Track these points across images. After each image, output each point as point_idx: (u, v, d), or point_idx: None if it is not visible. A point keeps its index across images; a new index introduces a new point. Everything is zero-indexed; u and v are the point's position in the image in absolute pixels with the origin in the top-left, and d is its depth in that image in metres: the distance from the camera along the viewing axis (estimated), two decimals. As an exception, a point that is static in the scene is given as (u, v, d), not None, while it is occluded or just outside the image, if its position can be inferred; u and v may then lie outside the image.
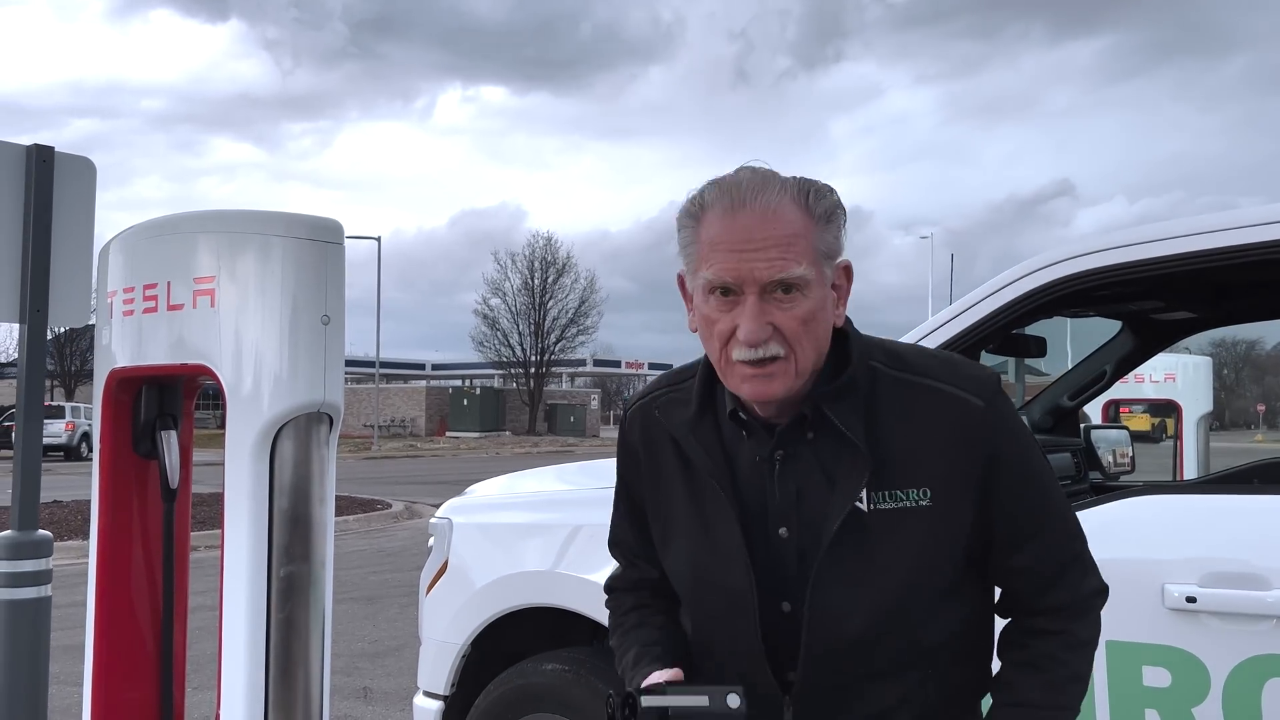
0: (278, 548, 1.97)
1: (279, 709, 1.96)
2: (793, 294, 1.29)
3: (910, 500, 1.33)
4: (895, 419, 1.34)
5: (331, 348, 2.01)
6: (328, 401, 2.00)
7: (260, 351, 1.97)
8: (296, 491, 1.99)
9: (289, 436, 1.98)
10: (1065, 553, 1.42)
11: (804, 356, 1.31)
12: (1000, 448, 1.36)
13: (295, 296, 1.98)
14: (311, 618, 1.99)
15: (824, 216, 1.32)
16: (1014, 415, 1.40)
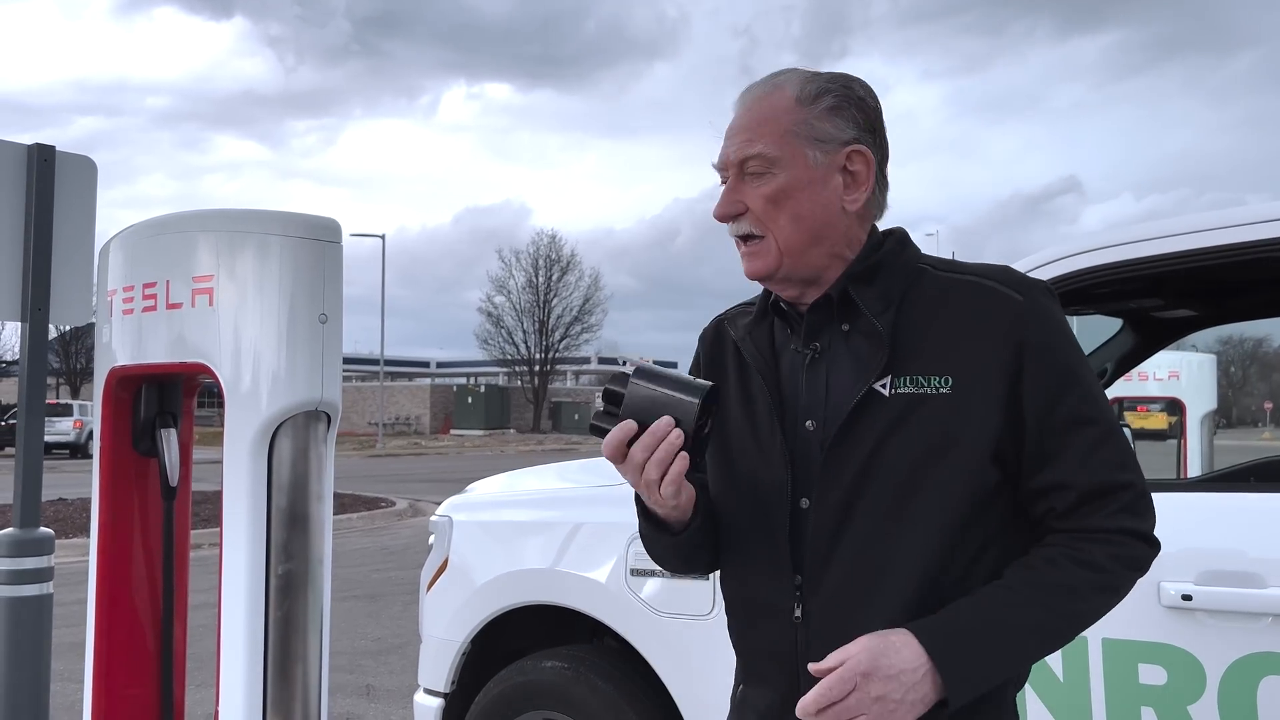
0: (276, 545, 1.98)
1: (277, 706, 1.97)
2: (762, 174, 1.34)
3: (930, 387, 1.31)
4: (931, 309, 1.34)
5: (329, 346, 2.02)
6: (325, 400, 2.01)
7: (258, 350, 1.98)
8: (295, 489, 2.00)
9: (287, 435, 1.99)
10: (1106, 478, 1.29)
11: (782, 235, 1.35)
12: (1031, 337, 1.30)
13: (293, 295, 1.99)
14: (310, 615, 2.00)
15: (809, 98, 1.35)
16: (1057, 315, 1.34)
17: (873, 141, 1.39)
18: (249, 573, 1.97)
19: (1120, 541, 1.28)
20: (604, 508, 2.92)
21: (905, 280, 1.37)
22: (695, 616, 2.58)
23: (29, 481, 3.29)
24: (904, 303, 1.35)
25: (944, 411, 1.31)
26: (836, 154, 1.36)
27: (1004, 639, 1.26)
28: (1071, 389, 1.31)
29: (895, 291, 1.36)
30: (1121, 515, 1.29)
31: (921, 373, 1.31)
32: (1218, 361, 9.51)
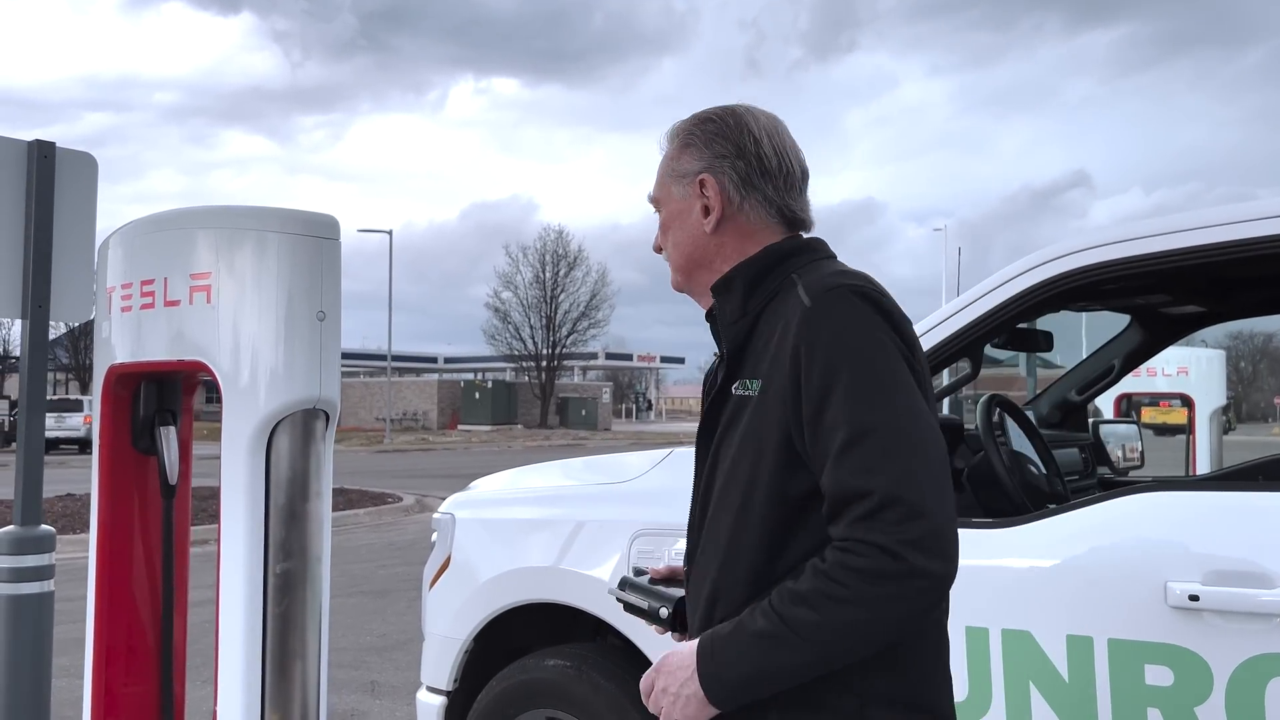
0: (274, 543, 1.97)
1: (275, 703, 1.96)
2: (657, 209, 1.62)
3: (752, 389, 1.44)
4: (773, 318, 1.45)
5: (327, 344, 2.00)
6: (324, 397, 2.00)
7: (257, 347, 1.97)
8: (293, 486, 1.99)
9: (285, 432, 1.98)
10: (846, 485, 1.28)
11: (672, 258, 1.61)
12: (804, 340, 1.35)
13: (291, 292, 1.97)
14: (308, 613, 1.99)
15: (679, 140, 1.59)
16: (841, 318, 1.35)
17: (728, 165, 1.52)
18: (247, 570, 1.96)
19: (856, 550, 1.26)
20: (607, 505, 2.90)
21: (769, 291, 1.48)
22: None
23: (30, 479, 3.29)
24: (764, 311, 1.47)
25: (756, 412, 1.42)
26: (691, 185, 1.55)
27: (747, 645, 1.32)
28: (830, 392, 1.32)
29: (756, 301, 1.48)
30: (856, 525, 1.27)
31: (749, 376, 1.45)
32: (1227, 357, 9.45)
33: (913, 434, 1.30)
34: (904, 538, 1.24)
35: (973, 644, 2.22)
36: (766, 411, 1.40)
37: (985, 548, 2.28)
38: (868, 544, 1.25)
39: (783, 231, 1.54)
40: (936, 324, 2.54)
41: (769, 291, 1.47)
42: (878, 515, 1.25)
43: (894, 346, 1.35)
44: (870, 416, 1.30)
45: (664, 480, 2.79)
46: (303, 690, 2.01)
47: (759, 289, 1.49)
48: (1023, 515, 2.36)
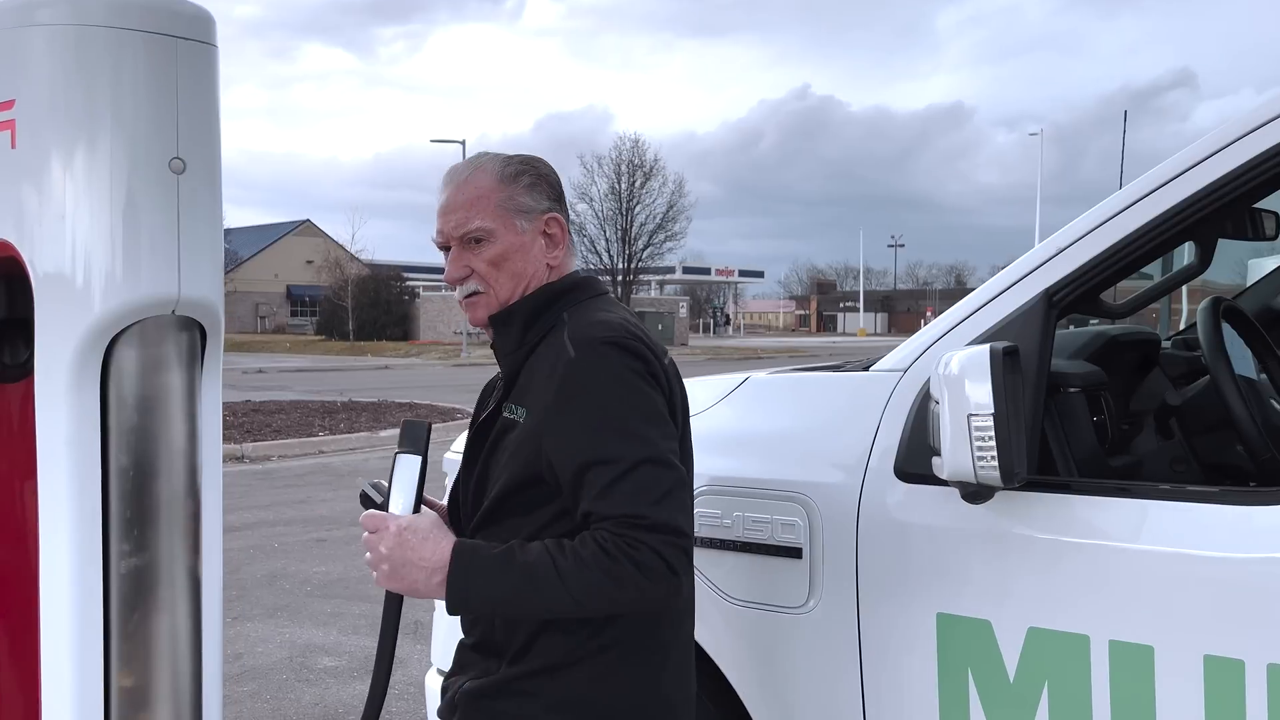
0: (118, 528, 1.25)
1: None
2: (482, 243, 1.61)
3: (517, 414, 1.57)
4: (544, 353, 1.57)
5: (195, 212, 1.26)
6: (188, 298, 1.25)
7: (75, 218, 1.23)
8: (145, 440, 1.27)
9: (129, 354, 1.25)
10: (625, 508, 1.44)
11: (501, 289, 1.62)
12: (567, 395, 1.50)
13: (132, 128, 1.23)
14: (176, 639, 1.28)
15: (510, 177, 1.63)
16: (598, 373, 1.50)
17: (560, 208, 1.67)
18: (75, 572, 1.25)
19: (635, 545, 1.43)
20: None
21: (544, 325, 1.61)
22: (784, 609, 1.83)
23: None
24: (539, 343, 1.60)
25: (519, 436, 1.55)
26: (538, 220, 1.63)
27: (511, 573, 1.46)
28: (582, 428, 1.49)
29: (534, 334, 1.61)
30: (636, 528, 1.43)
31: (516, 402, 1.59)
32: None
33: (673, 471, 1.48)
34: (677, 547, 1.44)
35: (1219, 680, 1.44)
36: (528, 437, 1.53)
37: (1230, 533, 1.49)
38: (650, 548, 1.42)
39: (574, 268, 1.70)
40: (1142, 195, 1.68)
41: (543, 327, 1.60)
42: (657, 530, 1.43)
43: (641, 390, 1.51)
44: (632, 450, 1.46)
45: (735, 418, 2.04)
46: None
47: (535, 326, 1.61)
48: None
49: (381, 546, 1.50)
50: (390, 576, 1.49)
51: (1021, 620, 1.62)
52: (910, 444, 1.74)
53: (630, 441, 1.45)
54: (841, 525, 1.79)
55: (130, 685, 1.25)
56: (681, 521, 1.44)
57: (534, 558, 1.45)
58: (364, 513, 1.55)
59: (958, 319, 1.79)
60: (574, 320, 1.57)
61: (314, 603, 5.61)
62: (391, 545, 1.49)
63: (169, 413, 1.27)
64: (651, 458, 1.45)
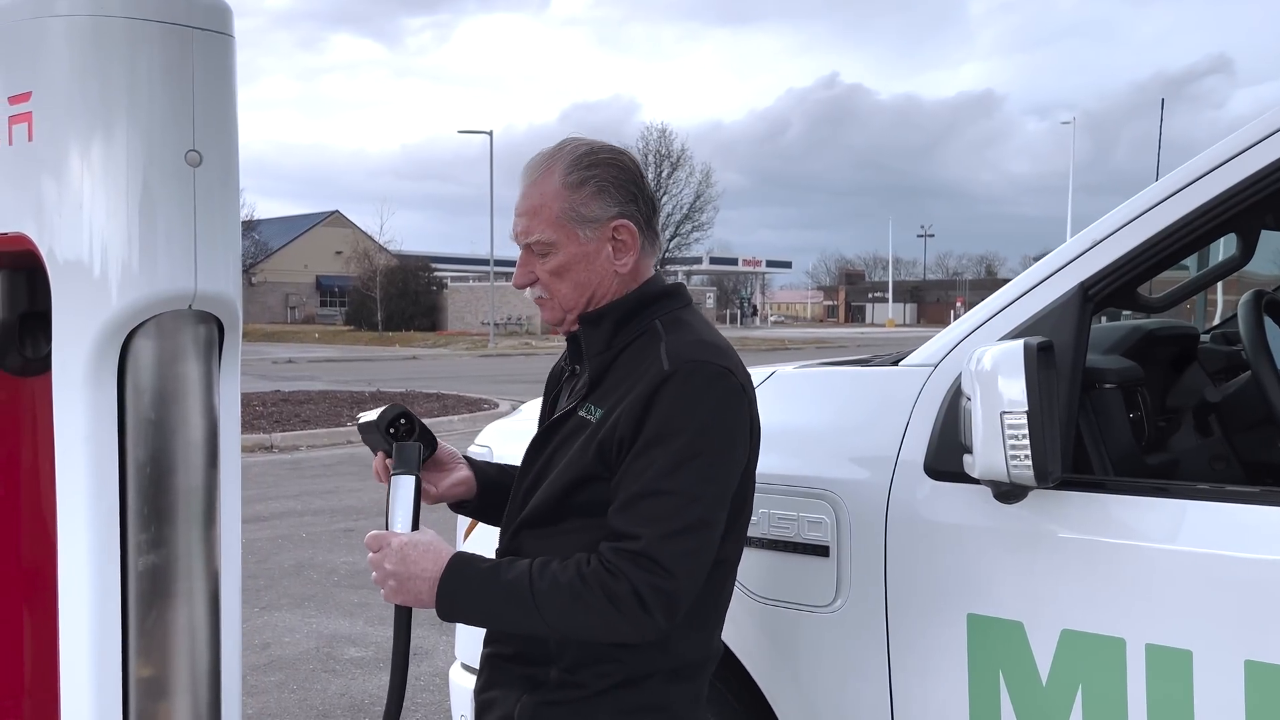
0: (135, 524, 1.24)
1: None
2: (545, 254, 1.59)
3: (594, 415, 1.55)
4: (631, 357, 1.56)
5: (211, 204, 1.24)
6: (204, 293, 1.24)
7: (92, 211, 1.22)
8: (163, 435, 1.26)
9: (147, 348, 1.24)
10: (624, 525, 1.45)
11: (564, 299, 1.61)
12: (653, 405, 1.47)
13: (148, 119, 1.21)
14: (194, 639, 1.27)
15: (575, 185, 1.57)
16: (694, 396, 1.47)
17: (636, 209, 1.60)
18: (93, 569, 1.24)
19: (617, 576, 1.43)
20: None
21: (634, 330, 1.58)
22: (810, 608, 1.80)
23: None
24: (627, 348, 1.57)
25: (587, 434, 1.54)
26: (604, 228, 1.58)
27: (493, 589, 1.48)
28: (656, 446, 1.46)
29: (622, 337, 1.58)
30: (624, 556, 1.44)
31: (597, 404, 1.56)
32: None
33: (700, 514, 1.45)
34: (654, 586, 1.42)
35: (1261, 687, 1.40)
36: (594, 441, 1.51)
37: (1272, 535, 1.44)
38: (627, 576, 1.42)
39: (653, 266, 1.66)
40: (1182, 186, 1.63)
41: (633, 332, 1.58)
42: (641, 560, 1.43)
43: (730, 432, 1.49)
44: (678, 481, 1.45)
45: (761, 414, 2.00)
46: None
47: (625, 329, 1.58)
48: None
49: (386, 563, 1.52)
50: (397, 591, 1.52)
51: (1055, 622, 1.58)
52: (941, 441, 1.70)
53: (691, 481, 1.43)
54: (870, 523, 1.76)
55: (149, 676, 1.24)
56: (678, 566, 1.41)
57: (514, 576, 1.46)
58: (368, 533, 1.58)
59: (990, 313, 1.75)
60: (671, 333, 1.54)
61: (341, 593, 5.63)
62: (395, 561, 1.51)
63: (187, 407, 1.25)
64: (701, 516, 1.43)
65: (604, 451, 1.49)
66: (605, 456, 1.49)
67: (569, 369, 1.71)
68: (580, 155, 1.58)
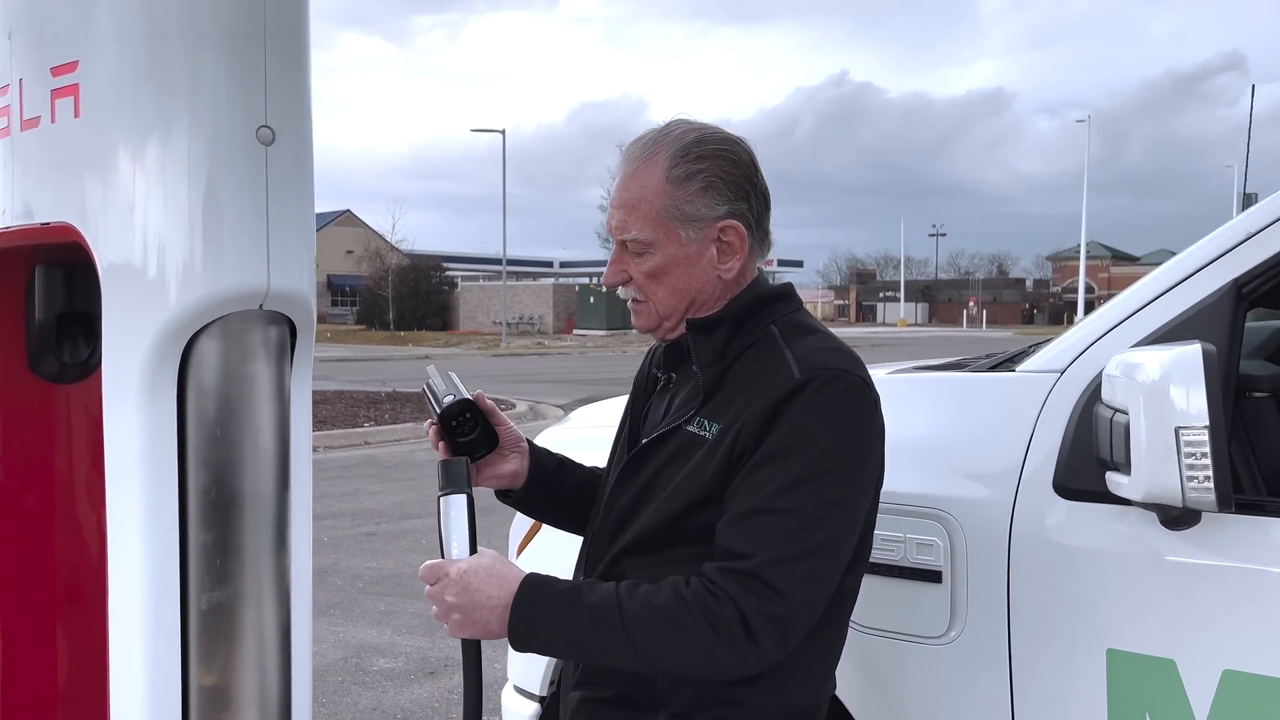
0: (197, 557, 1.09)
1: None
2: (641, 253, 1.44)
3: (708, 431, 1.39)
4: (748, 366, 1.41)
5: (285, 189, 1.08)
6: (278, 290, 1.08)
7: (148, 199, 1.06)
8: (228, 456, 1.09)
9: (213, 356, 1.08)
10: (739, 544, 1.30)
11: (661, 303, 1.46)
12: (775, 417, 1.33)
13: (213, 90, 1.05)
14: (264, 690, 1.11)
15: (679, 179, 1.41)
16: (822, 405, 1.33)
17: (746, 207, 1.44)
18: (149, 608, 1.08)
19: (720, 598, 1.28)
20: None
21: (748, 336, 1.43)
22: (919, 639, 1.63)
23: None
24: (740, 356, 1.42)
25: (705, 457, 1.37)
26: (709, 229, 1.43)
27: (577, 612, 1.32)
28: (779, 459, 1.31)
29: (735, 345, 1.43)
30: (729, 576, 1.29)
31: (709, 418, 1.40)
32: None
33: (824, 537, 1.30)
34: (764, 612, 1.27)
35: None
36: (713, 458, 1.37)
37: None
38: (732, 599, 1.27)
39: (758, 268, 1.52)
40: None
41: (747, 339, 1.44)
42: (750, 582, 1.27)
43: (864, 451, 1.36)
44: (800, 500, 1.30)
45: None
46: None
47: (740, 334, 1.45)
48: None
49: (447, 595, 1.37)
50: (463, 625, 1.37)
51: (1214, 661, 1.41)
52: (1072, 456, 1.53)
53: (817, 501, 1.29)
54: (989, 546, 1.59)
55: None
56: (794, 592, 1.27)
57: (599, 598, 1.33)
58: (423, 565, 1.42)
59: (1124, 313, 1.58)
60: (793, 339, 1.40)
61: (366, 600, 5.48)
62: (457, 592, 1.36)
63: (256, 423, 1.09)
64: (825, 540, 1.29)
65: (724, 470, 1.34)
66: (726, 475, 1.34)
67: (663, 378, 1.56)
68: (688, 144, 1.42)
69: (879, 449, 1.38)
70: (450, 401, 1.54)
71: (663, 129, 1.46)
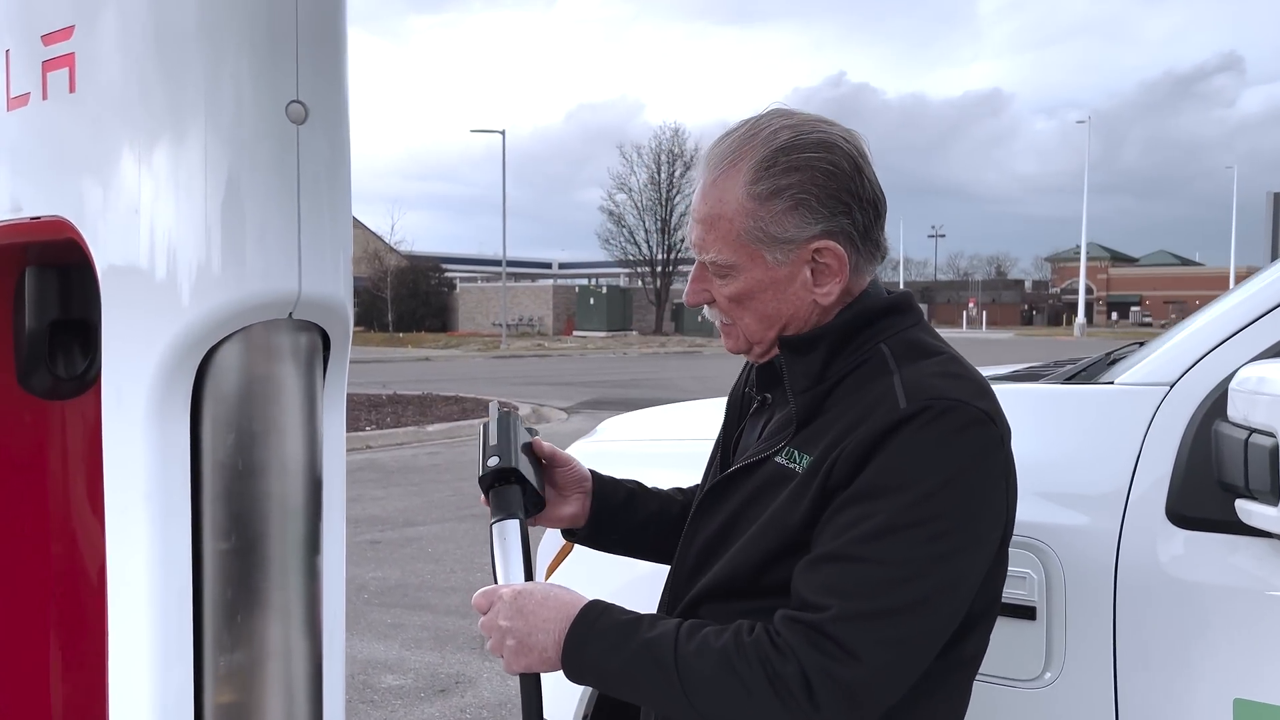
0: (214, 611, 0.92)
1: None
2: (724, 275, 1.29)
3: (798, 464, 1.24)
4: (849, 393, 1.24)
5: (319, 177, 0.92)
6: (310, 296, 0.92)
7: (157, 188, 0.90)
8: (250, 489, 0.93)
9: (233, 372, 0.92)
10: (810, 595, 1.14)
11: (748, 328, 1.31)
12: (873, 452, 1.15)
13: (235, 60, 0.89)
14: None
15: (764, 195, 1.24)
16: (929, 442, 1.14)
17: (847, 222, 1.25)
18: (155, 680, 0.92)
19: (784, 651, 1.13)
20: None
21: (854, 357, 1.26)
22: (1010, 682, 1.47)
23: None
24: (843, 381, 1.26)
25: (794, 495, 1.22)
26: (800, 250, 1.25)
27: (630, 645, 1.20)
28: (872, 499, 1.14)
29: (837, 367, 1.27)
30: (796, 628, 1.14)
31: (800, 449, 1.25)
32: None
33: (917, 595, 1.12)
34: (830, 674, 1.11)
35: None
36: (803, 497, 1.20)
37: None
38: (796, 655, 1.13)
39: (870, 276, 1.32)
40: None
41: (852, 360, 1.26)
42: (818, 638, 1.12)
43: (980, 498, 1.16)
44: (889, 550, 1.12)
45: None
46: None
47: (842, 354, 1.27)
48: None
49: (500, 619, 1.25)
50: (518, 652, 1.23)
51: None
52: (1188, 480, 1.37)
53: (910, 552, 1.11)
54: (1092, 579, 1.42)
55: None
56: (870, 654, 1.10)
57: (657, 634, 1.20)
58: (476, 593, 1.30)
59: (1243, 320, 1.41)
60: (905, 360, 1.22)
61: (372, 612, 5.31)
62: (510, 615, 1.24)
63: (284, 451, 0.93)
64: (917, 599, 1.11)
65: (814, 512, 1.18)
66: (815, 519, 1.18)
67: (758, 398, 1.40)
68: (777, 150, 1.23)
69: (1003, 495, 1.19)
70: (493, 466, 1.43)
71: (750, 126, 1.27)
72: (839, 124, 1.27)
